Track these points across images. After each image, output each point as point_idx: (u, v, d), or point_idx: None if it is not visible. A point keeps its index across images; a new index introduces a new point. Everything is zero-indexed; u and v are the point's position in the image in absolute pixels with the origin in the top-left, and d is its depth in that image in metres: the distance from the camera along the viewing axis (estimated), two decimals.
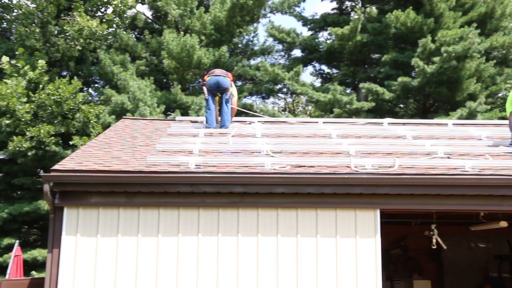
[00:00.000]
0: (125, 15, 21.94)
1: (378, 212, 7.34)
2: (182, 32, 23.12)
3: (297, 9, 29.66)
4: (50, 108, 17.55)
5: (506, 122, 10.64)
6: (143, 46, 24.49)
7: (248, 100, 27.74)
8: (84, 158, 7.95)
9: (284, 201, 7.34)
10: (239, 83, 26.76)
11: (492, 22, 24.67)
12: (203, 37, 23.67)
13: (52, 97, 17.38)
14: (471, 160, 7.78)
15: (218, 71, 10.89)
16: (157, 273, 7.14)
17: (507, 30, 25.73)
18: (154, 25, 26.54)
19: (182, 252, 7.21)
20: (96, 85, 24.75)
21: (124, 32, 24.09)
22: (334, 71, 30.62)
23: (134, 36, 26.52)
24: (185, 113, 21.39)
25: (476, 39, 21.86)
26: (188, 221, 7.31)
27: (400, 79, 22.93)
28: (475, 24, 22.47)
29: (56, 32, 20.49)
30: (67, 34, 19.54)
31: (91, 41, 19.96)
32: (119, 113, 19.96)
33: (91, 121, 18.29)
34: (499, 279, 13.24)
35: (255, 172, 7.26)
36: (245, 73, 25.86)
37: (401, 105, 26.67)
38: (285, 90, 28.56)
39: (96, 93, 24.01)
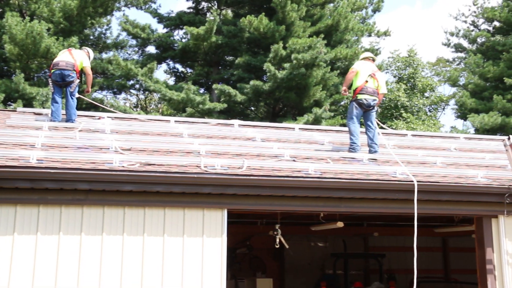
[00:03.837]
0: None
1: (225, 212, 7.44)
2: (27, 17, 21.65)
3: (153, 5, 29.29)
4: None
5: (347, 129, 11.37)
6: None
7: (98, 95, 26.79)
8: None
9: (131, 199, 7.16)
10: None
11: (337, 34, 26.35)
12: (51, 25, 22.37)
13: None
14: (314, 163, 8.17)
15: (62, 63, 10.37)
16: None
17: (350, 43, 27.66)
18: None
19: (16, 253, 6.71)
20: None
21: None
22: (188, 70, 30.64)
23: None
24: (28, 104, 20.08)
25: (323, 49, 23.22)
26: (26, 219, 6.83)
27: (252, 82, 23.59)
28: (322, 35, 23.83)
29: None
30: None
31: None
32: None
33: None
34: (334, 276, 14.14)
35: (102, 169, 6.98)
36: (96, 66, 24.92)
37: (252, 108, 27.46)
38: (137, 86, 28.04)
39: None
